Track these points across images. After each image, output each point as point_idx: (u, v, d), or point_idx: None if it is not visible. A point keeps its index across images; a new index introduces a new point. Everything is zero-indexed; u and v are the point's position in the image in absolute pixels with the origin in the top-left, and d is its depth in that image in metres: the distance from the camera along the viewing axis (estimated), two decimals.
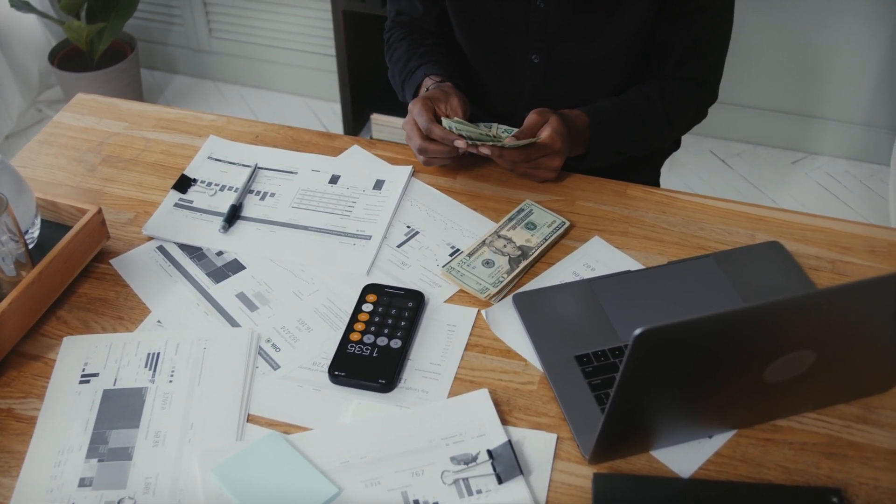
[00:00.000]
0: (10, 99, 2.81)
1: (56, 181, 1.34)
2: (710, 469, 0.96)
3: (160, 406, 1.02)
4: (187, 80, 3.18)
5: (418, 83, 1.42)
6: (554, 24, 1.35)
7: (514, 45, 1.41)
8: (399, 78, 1.48)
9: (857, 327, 0.88)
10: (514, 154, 1.23)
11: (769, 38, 2.61)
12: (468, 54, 1.47)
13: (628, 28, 1.34)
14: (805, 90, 2.69)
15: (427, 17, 1.50)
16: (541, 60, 1.40)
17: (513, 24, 1.38)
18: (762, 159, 2.79)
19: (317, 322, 1.12)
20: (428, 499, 0.92)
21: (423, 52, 1.46)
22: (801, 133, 2.78)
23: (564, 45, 1.38)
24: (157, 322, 1.12)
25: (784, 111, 2.76)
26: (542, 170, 1.28)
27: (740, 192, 2.66)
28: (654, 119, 1.38)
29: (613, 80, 1.41)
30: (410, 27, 1.52)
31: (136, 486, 0.94)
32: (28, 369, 1.07)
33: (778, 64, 2.66)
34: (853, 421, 1.01)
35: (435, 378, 1.05)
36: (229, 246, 1.23)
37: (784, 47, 2.62)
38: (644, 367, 0.80)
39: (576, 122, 1.31)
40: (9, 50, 2.80)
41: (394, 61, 1.50)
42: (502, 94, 1.48)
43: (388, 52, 1.54)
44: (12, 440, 0.99)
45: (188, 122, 1.45)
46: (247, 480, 0.93)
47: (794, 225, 1.25)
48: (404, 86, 1.47)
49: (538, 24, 1.36)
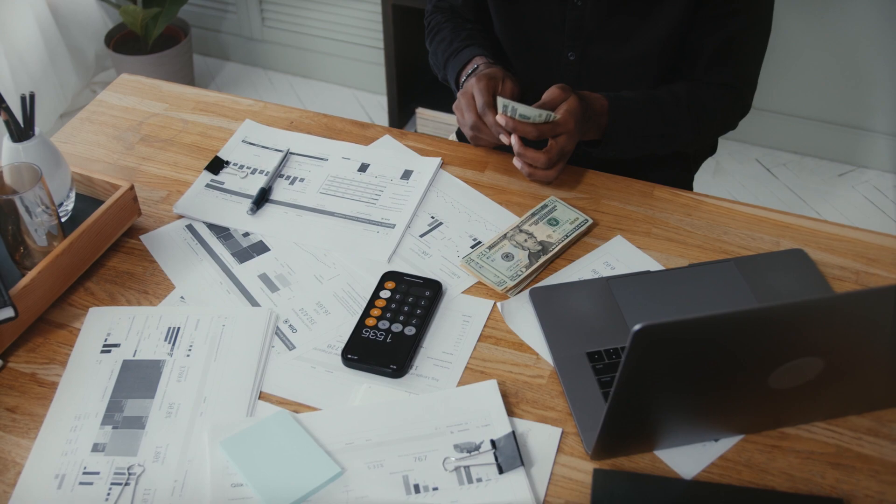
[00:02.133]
0: (66, 79, 2.88)
1: (94, 158, 1.38)
2: (713, 472, 0.95)
3: (176, 379, 1.04)
4: (238, 68, 3.23)
5: (465, 61, 1.41)
6: (589, 22, 1.35)
7: (550, 41, 1.41)
8: (442, 57, 1.47)
9: (867, 337, 0.87)
10: (528, 129, 1.22)
11: (820, 47, 2.57)
12: (505, 47, 1.48)
13: (662, 31, 1.33)
14: (856, 101, 2.64)
15: (466, 7, 1.51)
16: (576, 58, 1.40)
17: (549, 20, 1.38)
18: (808, 170, 2.74)
19: (335, 306, 1.14)
20: (428, 484, 0.93)
21: (468, 34, 1.46)
22: (850, 145, 2.73)
23: (599, 44, 1.38)
24: (181, 298, 1.15)
25: (833, 122, 2.71)
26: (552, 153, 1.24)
27: (783, 201, 2.63)
28: (677, 117, 1.36)
29: (647, 81, 1.40)
30: (452, 13, 1.53)
31: (147, 454, 0.97)
32: (53, 337, 1.11)
33: (828, 73, 2.62)
34: (864, 433, 0.99)
35: (446, 367, 1.06)
36: (256, 227, 1.25)
37: (836, 57, 2.58)
38: (643, 364, 0.80)
39: (594, 105, 1.29)
40: (66, 31, 2.88)
41: (437, 41, 1.50)
42: (537, 90, 1.48)
43: (430, 34, 1.54)
44: (33, 403, 1.03)
45: (226, 106, 1.48)
46: (253, 455, 0.95)
47: (820, 234, 1.23)
48: (447, 64, 1.46)
49: (574, 22, 1.36)
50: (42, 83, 2.76)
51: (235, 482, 0.93)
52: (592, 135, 1.32)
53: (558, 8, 1.37)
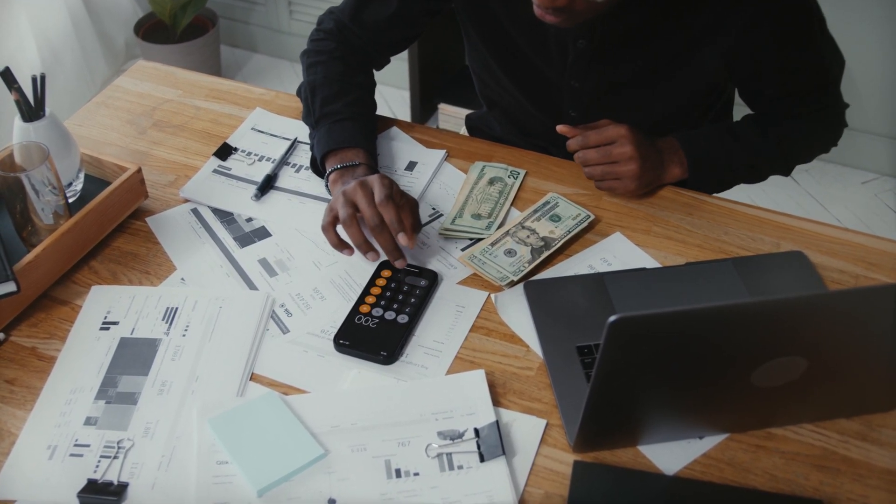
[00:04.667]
0: (95, 66, 2.93)
1: (107, 141, 1.41)
2: (695, 469, 0.96)
3: (170, 357, 1.06)
4: (265, 59, 3.26)
5: (342, 145, 1.24)
6: (588, 96, 1.33)
7: (552, 99, 1.38)
8: (318, 102, 1.30)
9: (853, 338, 0.87)
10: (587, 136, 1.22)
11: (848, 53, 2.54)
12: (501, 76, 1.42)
13: (679, 97, 1.32)
14: (883, 109, 2.61)
15: (379, 37, 1.37)
16: (577, 116, 1.37)
17: (551, 82, 1.35)
18: (831, 177, 2.72)
19: (331, 292, 1.15)
20: (409, 469, 0.94)
21: (356, 99, 1.32)
22: (875, 153, 2.70)
23: (604, 113, 1.29)
24: (181, 279, 1.17)
25: (859, 129, 2.68)
26: (619, 167, 1.22)
27: (803, 207, 2.60)
28: (760, 147, 1.31)
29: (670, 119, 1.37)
30: (344, 43, 1.36)
31: (137, 429, 0.99)
32: (56, 313, 1.13)
33: (856, 81, 2.59)
34: (851, 436, 0.99)
35: (436, 355, 1.07)
36: (259, 213, 1.27)
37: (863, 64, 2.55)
38: (621, 356, 0.81)
39: (658, 140, 1.28)
40: (97, 19, 2.93)
41: (319, 74, 1.32)
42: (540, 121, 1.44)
43: (312, 56, 1.35)
44: (32, 376, 1.05)
45: (238, 94, 1.50)
46: (239, 434, 0.96)
47: (822, 237, 1.23)
48: (321, 118, 1.28)
49: (573, 94, 1.34)
50: (71, 69, 2.81)
51: (221, 459, 0.95)
52: (676, 170, 1.28)
53: (556, 82, 1.34)
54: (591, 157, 1.23)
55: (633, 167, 1.22)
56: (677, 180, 1.29)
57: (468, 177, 1.32)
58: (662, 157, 1.27)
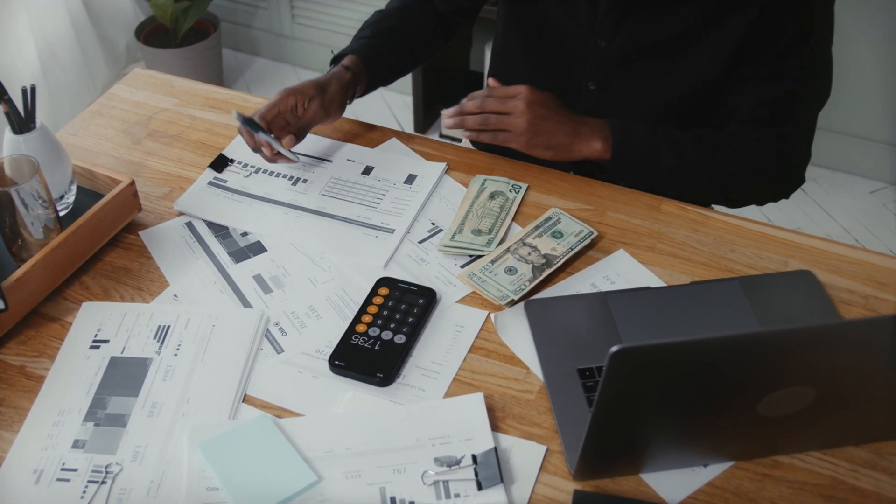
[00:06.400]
0: (96, 70, 2.91)
1: (101, 151, 1.38)
2: (699, 499, 0.93)
3: (161, 378, 1.04)
4: (268, 63, 3.24)
5: (342, 55, 1.38)
6: (612, 61, 1.32)
7: (573, 71, 1.38)
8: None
9: (861, 366, 0.84)
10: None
11: (857, 62, 2.51)
12: (524, 65, 1.44)
13: (691, 79, 1.30)
14: (891, 118, 2.58)
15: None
16: (597, 88, 1.37)
17: (573, 52, 1.36)
18: (839, 186, 2.68)
19: (327, 310, 1.13)
20: (405, 497, 0.92)
21: (373, 31, 1.41)
22: (884, 162, 2.66)
23: (622, 81, 1.34)
24: (174, 296, 1.15)
25: (868, 138, 2.65)
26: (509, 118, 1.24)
27: (811, 217, 2.57)
28: (693, 155, 1.29)
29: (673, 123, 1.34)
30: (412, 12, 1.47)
31: (126, 453, 0.96)
32: (45, 330, 1.10)
33: (863, 89, 2.56)
34: (861, 465, 0.96)
35: (434, 377, 1.05)
36: (254, 227, 1.24)
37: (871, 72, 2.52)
38: (623, 386, 0.78)
39: (589, 118, 1.28)
40: (98, 22, 2.91)
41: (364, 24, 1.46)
42: None
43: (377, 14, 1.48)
44: (19, 396, 1.03)
45: (235, 103, 1.48)
46: (230, 459, 0.94)
47: (831, 255, 1.20)
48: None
49: (597, 59, 1.33)
50: (72, 73, 2.79)
51: (211, 486, 0.92)
52: (597, 145, 1.26)
53: (582, 43, 1.34)
54: (490, 104, 1.25)
55: (521, 121, 1.23)
56: (597, 157, 1.27)
57: (469, 191, 1.29)
58: (581, 128, 1.26)
